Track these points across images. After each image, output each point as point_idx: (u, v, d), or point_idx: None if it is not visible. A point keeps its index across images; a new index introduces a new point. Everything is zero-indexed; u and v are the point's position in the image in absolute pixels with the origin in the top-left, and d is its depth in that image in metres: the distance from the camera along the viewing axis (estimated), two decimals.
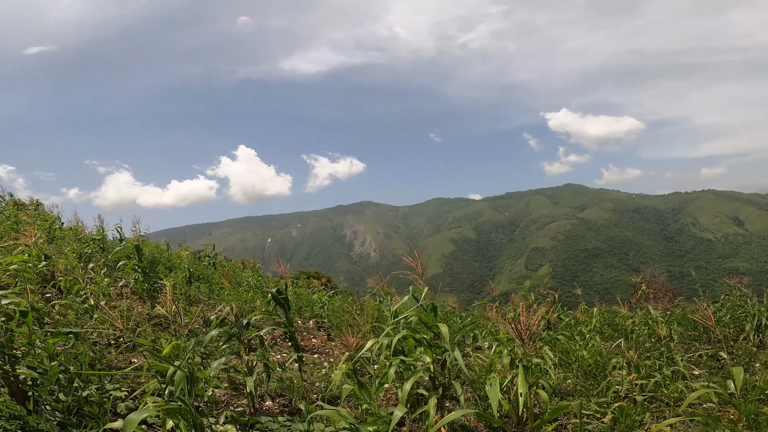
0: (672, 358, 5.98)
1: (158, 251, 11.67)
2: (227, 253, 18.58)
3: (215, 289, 9.60)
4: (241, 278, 11.19)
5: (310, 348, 7.30)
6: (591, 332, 7.19)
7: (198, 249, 14.88)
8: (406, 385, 3.13)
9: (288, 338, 4.10)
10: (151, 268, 8.92)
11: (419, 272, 3.98)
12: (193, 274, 10.23)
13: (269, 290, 3.90)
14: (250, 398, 3.71)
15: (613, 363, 5.44)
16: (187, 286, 8.97)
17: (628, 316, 7.72)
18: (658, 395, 4.85)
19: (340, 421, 2.51)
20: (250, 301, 8.59)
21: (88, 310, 5.23)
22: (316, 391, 4.64)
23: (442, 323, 3.32)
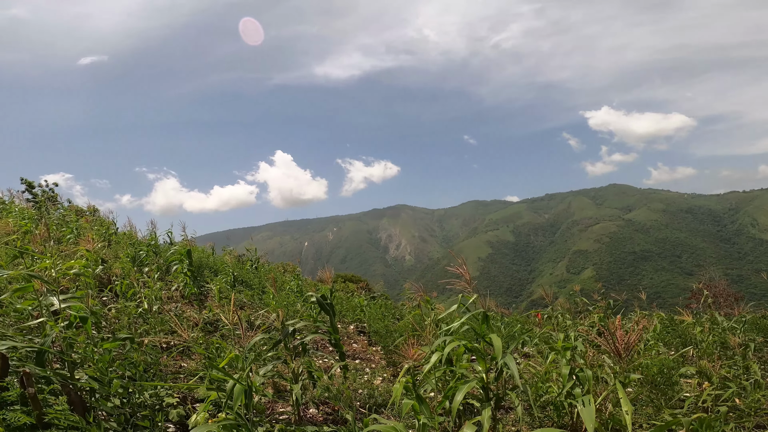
0: (747, 367, 5.43)
1: (204, 255, 12.08)
2: (267, 257, 19.00)
3: (257, 293, 9.77)
4: (282, 282, 11.35)
5: (351, 353, 7.22)
6: (653, 339, 6.69)
7: (240, 253, 15.30)
8: (458, 395, 2.95)
9: (332, 344, 4.02)
10: (198, 272, 9.21)
11: (467, 279, 3.79)
12: (237, 278, 10.47)
13: (314, 295, 3.83)
14: (296, 406, 3.64)
15: (682, 371, 4.99)
16: (231, 290, 9.17)
17: (694, 323, 7.12)
18: (737, 405, 4.41)
19: None
20: (291, 305, 8.66)
21: (141, 314, 5.40)
22: (359, 398, 4.53)
23: (494, 334, 3.12)
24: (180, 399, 3.49)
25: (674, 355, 6.08)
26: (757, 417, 4.11)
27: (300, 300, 8.82)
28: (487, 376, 3.57)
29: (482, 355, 3.46)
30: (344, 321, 9.59)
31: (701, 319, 7.79)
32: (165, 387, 3.30)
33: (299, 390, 3.38)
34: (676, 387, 4.88)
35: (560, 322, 7.74)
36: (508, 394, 3.48)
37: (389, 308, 9.99)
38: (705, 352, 6.04)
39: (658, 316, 8.87)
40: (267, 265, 16.10)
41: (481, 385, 3.63)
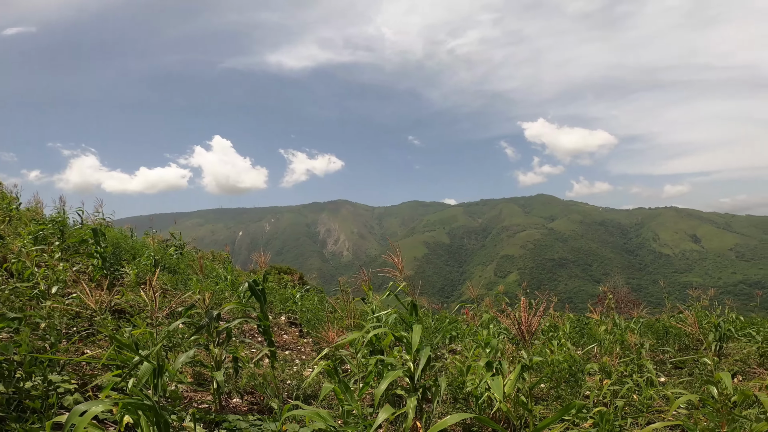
0: (642, 364, 6.08)
1: (122, 237, 11.04)
2: (196, 244, 17.89)
3: (181, 279, 9.14)
4: (210, 269, 10.73)
5: (281, 344, 7.02)
6: (564, 338, 7.25)
7: (165, 238, 14.22)
8: (382, 384, 2.96)
9: (261, 332, 3.85)
10: (114, 255, 8.39)
11: (400, 268, 3.83)
12: (159, 263, 9.71)
13: (246, 280, 3.64)
14: (217, 395, 3.44)
15: (587, 369, 5.46)
16: (152, 275, 8.48)
17: (600, 322, 7.86)
18: (632, 401, 4.90)
19: (316, 422, 2.31)
20: (219, 293, 8.21)
21: (37, 296, 4.79)
22: (288, 389, 4.40)
23: (418, 323, 3.18)
24: (78, 386, 3.13)
25: (582, 352, 6.67)
26: (649, 413, 4.57)
27: (228, 287, 8.40)
28: (414, 366, 3.63)
29: (409, 344, 3.52)
30: (275, 312, 9.31)
31: (605, 320, 8.65)
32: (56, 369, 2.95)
33: (221, 377, 3.19)
34: (581, 383, 5.34)
35: (484, 318, 8.16)
36: (433, 384, 3.56)
37: (323, 301, 9.87)
38: (606, 349, 6.68)
39: (568, 317, 9.71)
40: (195, 252, 15.14)
41: (408, 375, 3.69)
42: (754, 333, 7.61)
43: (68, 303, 4.91)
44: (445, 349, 7.58)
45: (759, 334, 7.43)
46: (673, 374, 6.92)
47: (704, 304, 8.83)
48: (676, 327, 8.37)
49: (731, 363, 6.97)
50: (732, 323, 8.16)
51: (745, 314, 9.73)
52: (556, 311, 10.82)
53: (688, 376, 6.46)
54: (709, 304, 8.81)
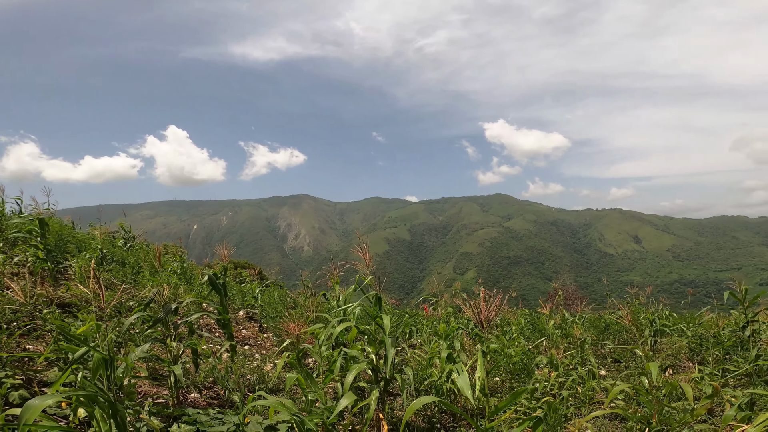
0: (585, 357, 6.50)
1: (65, 229, 10.33)
2: (147, 237, 17.03)
3: (130, 273, 8.72)
4: (163, 263, 10.28)
5: (240, 339, 6.88)
6: (517, 332, 7.57)
7: (113, 230, 13.44)
8: (348, 376, 3.02)
9: (221, 326, 3.78)
10: (57, 247, 7.86)
11: (367, 262, 3.89)
12: (107, 256, 9.18)
13: (206, 273, 3.56)
14: (175, 389, 3.35)
15: (537, 361, 5.78)
16: (98, 269, 8.03)
17: (549, 317, 8.28)
18: (575, 392, 5.25)
19: (280, 413, 2.33)
20: (174, 287, 7.90)
21: None
22: (248, 383, 4.34)
23: (385, 315, 3.26)
24: (24, 381, 2.95)
25: (532, 346, 7.03)
26: (591, 404, 4.92)
27: (183, 282, 8.13)
28: (376, 358, 3.72)
29: (373, 337, 3.60)
30: (234, 307, 9.10)
31: (554, 315, 9.14)
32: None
33: (180, 371, 3.11)
34: (532, 375, 5.64)
35: (444, 313, 8.39)
36: (395, 377, 3.66)
37: (283, 296, 9.76)
38: (554, 343, 7.08)
39: (521, 312, 10.19)
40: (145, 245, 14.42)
41: (371, 367, 3.77)
42: (685, 329, 8.13)
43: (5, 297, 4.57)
44: (405, 344, 7.74)
45: (689, 329, 8.02)
46: (613, 368, 7.42)
47: (641, 301, 9.50)
48: (617, 322, 8.95)
49: (664, 357, 7.54)
50: (666, 319, 8.80)
51: (678, 311, 10.56)
52: (511, 308, 11.32)
53: (625, 368, 6.98)
54: (646, 301, 9.49)
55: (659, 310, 9.20)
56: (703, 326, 7.88)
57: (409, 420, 4.25)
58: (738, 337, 5.63)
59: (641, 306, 9.33)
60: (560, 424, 3.83)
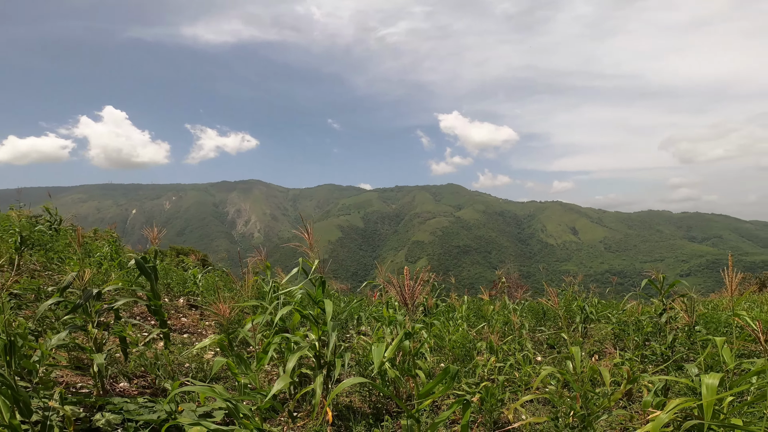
0: (522, 343, 6.84)
1: None
2: (78, 222, 15.66)
3: (54, 258, 8.00)
4: (92, 248, 9.52)
5: (179, 327, 6.56)
6: (461, 318, 7.80)
7: (37, 214, 12.22)
8: (289, 363, 2.98)
9: (152, 311, 3.57)
10: None
11: (310, 244, 3.81)
12: (27, 240, 8.34)
13: (133, 256, 3.33)
14: (99, 378, 3.12)
15: (478, 347, 6.01)
16: (16, 253, 7.29)
17: (489, 303, 8.63)
18: (512, 378, 5.51)
19: (215, 400, 2.25)
20: (104, 273, 7.36)
21: None
22: (186, 372, 4.15)
23: (327, 299, 3.23)
24: None
25: (474, 332, 7.30)
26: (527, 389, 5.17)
27: (116, 268, 7.60)
28: (319, 344, 3.69)
29: (315, 322, 3.56)
30: (173, 294, 8.65)
31: (497, 302, 9.52)
32: None
33: (102, 360, 2.89)
34: (473, 360, 5.85)
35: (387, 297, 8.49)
36: (335, 362, 3.66)
37: (227, 282, 9.41)
38: (493, 329, 7.36)
39: (464, 299, 10.47)
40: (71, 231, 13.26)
41: (314, 353, 3.74)
42: (611, 316, 8.57)
43: None
44: (354, 330, 7.77)
45: (614, 316, 8.45)
46: (548, 353, 7.87)
47: (575, 289, 10.08)
48: (553, 310, 9.42)
49: (592, 343, 8.03)
50: (594, 306, 9.38)
51: (606, 299, 11.37)
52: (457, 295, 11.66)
53: (557, 354, 7.46)
54: (580, 289, 10.10)
55: (589, 298, 9.85)
56: (625, 313, 8.45)
57: (356, 406, 4.28)
58: (656, 324, 6.08)
59: (574, 294, 9.87)
60: (497, 408, 4.03)
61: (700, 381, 2.45)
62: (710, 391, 2.31)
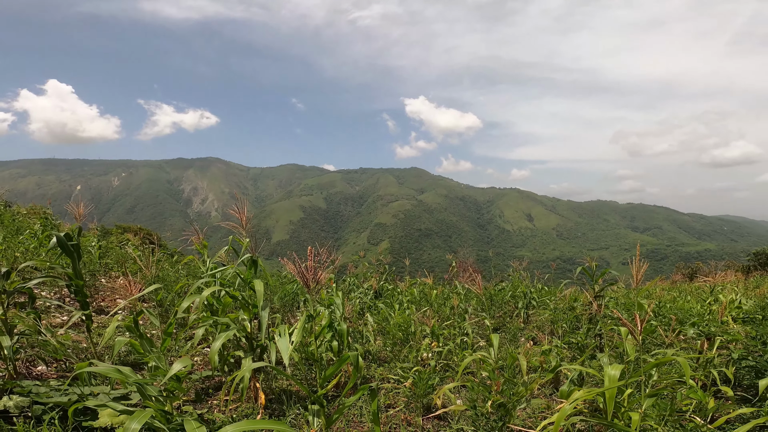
0: (464, 328, 6.99)
1: None
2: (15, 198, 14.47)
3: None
4: (22, 225, 8.88)
5: (114, 308, 6.31)
6: (409, 302, 7.84)
7: None
8: (215, 344, 2.97)
9: (74, 292, 3.42)
10: None
11: (243, 223, 3.75)
12: None
13: (54, 233, 3.15)
14: (10, 362, 2.98)
15: (420, 331, 6.11)
16: None
17: (432, 287, 8.70)
18: (450, 363, 5.64)
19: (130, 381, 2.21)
20: (33, 252, 6.90)
21: None
22: (111, 355, 4.02)
23: (258, 280, 3.22)
24: None
25: (419, 314, 7.44)
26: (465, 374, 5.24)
27: (46, 248, 7.15)
28: (251, 325, 3.69)
29: (246, 303, 3.55)
30: (111, 275, 8.27)
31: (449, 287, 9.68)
32: None
33: (9, 343, 2.75)
34: (416, 344, 5.91)
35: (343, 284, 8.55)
36: (267, 344, 3.67)
37: (171, 261, 9.10)
38: (438, 313, 7.45)
39: (413, 282, 10.58)
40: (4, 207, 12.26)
41: (244, 334, 3.73)
42: (549, 302, 8.64)
43: None
44: (299, 312, 7.78)
45: (551, 302, 8.47)
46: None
47: (521, 274, 10.33)
48: (499, 295, 9.59)
49: (531, 329, 8.22)
50: (538, 292, 9.56)
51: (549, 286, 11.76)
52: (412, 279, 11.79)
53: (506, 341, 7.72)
54: (525, 275, 10.36)
55: (533, 283, 10.15)
56: (561, 300, 8.66)
57: (293, 390, 4.31)
58: (588, 311, 6.29)
59: (520, 279, 10.12)
60: (428, 393, 4.11)
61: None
62: (611, 381, 2.34)
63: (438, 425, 4.00)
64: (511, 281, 10.28)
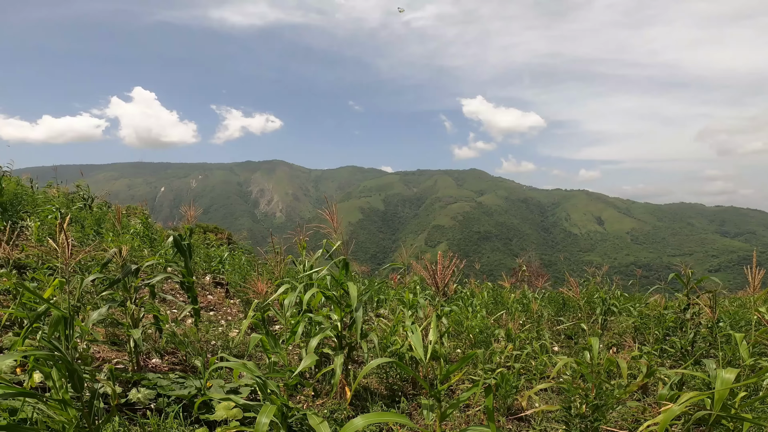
0: (540, 332, 6.83)
1: (21, 188, 9.76)
2: (110, 199, 16.34)
3: (91, 234, 8.40)
4: (124, 225, 9.94)
5: (206, 305, 6.84)
6: (480, 305, 7.82)
7: (71, 191, 12.80)
8: (312, 341, 3.10)
9: (185, 290, 3.74)
10: (12, 206, 7.45)
11: (334, 226, 3.88)
12: (65, 216, 8.78)
13: (171, 233, 3.48)
14: (134, 354, 3.32)
15: (496, 334, 6.04)
16: (55, 230, 7.67)
17: (510, 291, 8.61)
18: (528, 366, 5.56)
19: (243, 376, 2.37)
20: (137, 249, 7.69)
21: None
22: (212, 349, 4.36)
23: (351, 282, 3.31)
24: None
25: (493, 319, 7.32)
26: (542, 378, 5.21)
27: (147, 244, 7.92)
28: (341, 324, 3.80)
29: (338, 303, 3.66)
30: (200, 272, 8.98)
31: (515, 291, 9.46)
32: None
33: (139, 335, 3.08)
34: (490, 347, 5.90)
35: (410, 280, 8.57)
36: (361, 344, 3.77)
37: (251, 261, 9.69)
38: (512, 317, 7.35)
39: (486, 286, 10.50)
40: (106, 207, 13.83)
41: (336, 334, 3.86)
42: (632, 309, 8.46)
43: None
44: (372, 313, 7.91)
45: (635, 309, 8.36)
46: (566, 344, 7.83)
47: (597, 280, 9.89)
48: (573, 300, 9.30)
49: (611, 336, 7.94)
50: (616, 299, 9.20)
51: (629, 292, 11.10)
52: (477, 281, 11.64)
53: (575, 344, 7.41)
54: (602, 281, 9.89)
55: (612, 290, 9.65)
56: (648, 307, 8.31)
57: (372, 388, 4.42)
58: (679, 319, 5.98)
59: (596, 285, 9.70)
60: (511, 395, 4.10)
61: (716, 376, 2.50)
62: (724, 384, 2.35)
63: (520, 426, 4.00)
64: (585, 287, 9.94)
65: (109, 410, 2.48)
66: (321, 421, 1.83)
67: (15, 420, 2.14)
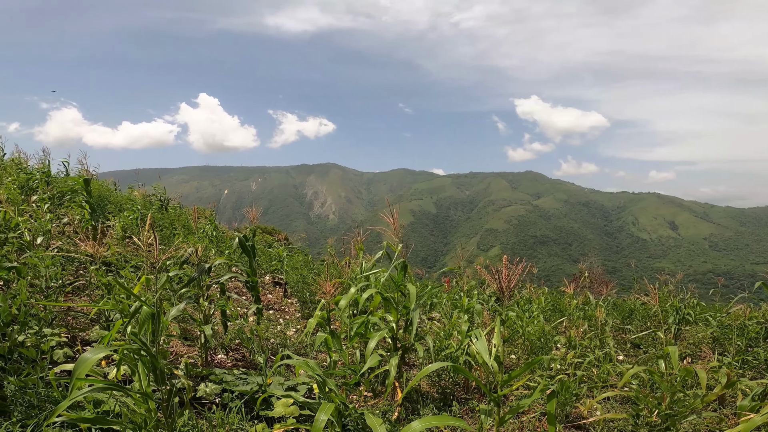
0: (604, 340, 6.48)
1: (106, 190, 10.91)
2: (180, 201, 17.77)
3: (167, 234, 9.16)
4: (200, 226, 10.75)
5: (265, 304, 7.22)
6: (538, 311, 7.56)
7: (148, 193, 14.08)
8: (371, 342, 3.17)
9: (248, 288, 3.99)
10: (99, 206, 8.35)
11: (394, 228, 3.96)
12: (144, 218, 9.68)
13: (236, 234, 3.73)
14: (204, 349, 3.59)
15: (555, 341, 5.81)
16: (137, 229, 8.49)
17: (572, 296, 8.25)
18: (590, 374, 5.30)
19: (303, 373, 2.49)
20: (206, 249, 8.29)
21: (22, 247, 4.80)
22: (271, 347, 4.60)
23: (411, 283, 3.35)
24: (69, 339, 3.23)
25: (551, 324, 7.04)
26: (604, 386, 4.98)
27: (214, 244, 8.49)
28: (397, 326, 3.85)
29: (395, 305, 3.71)
30: (260, 271, 9.47)
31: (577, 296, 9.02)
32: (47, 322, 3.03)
33: (210, 331, 3.33)
34: (549, 354, 5.71)
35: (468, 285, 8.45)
36: (414, 344, 3.80)
37: (308, 262, 10.06)
38: (574, 324, 7.05)
39: (543, 291, 10.11)
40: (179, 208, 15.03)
41: (391, 335, 3.92)
42: (710, 318, 7.95)
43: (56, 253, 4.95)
44: (425, 316, 7.90)
45: (714, 319, 7.83)
46: (632, 353, 7.36)
47: (670, 288, 9.19)
48: (641, 308, 8.76)
49: (685, 346, 7.43)
50: (692, 308, 8.55)
51: (707, 301, 10.20)
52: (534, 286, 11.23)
53: (644, 354, 6.92)
54: (675, 289, 9.18)
55: (687, 298, 8.94)
56: (729, 317, 7.70)
57: (424, 390, 4.42)
58: (764, 329, 5.51)
59: (669, 293, 9.08)
60: (570, 402, 3.93)
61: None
62: None
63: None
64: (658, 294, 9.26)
65: (183, 404, 2.69)
66: (380, 423, 1.88)
67: (99, 412, 2.39)
